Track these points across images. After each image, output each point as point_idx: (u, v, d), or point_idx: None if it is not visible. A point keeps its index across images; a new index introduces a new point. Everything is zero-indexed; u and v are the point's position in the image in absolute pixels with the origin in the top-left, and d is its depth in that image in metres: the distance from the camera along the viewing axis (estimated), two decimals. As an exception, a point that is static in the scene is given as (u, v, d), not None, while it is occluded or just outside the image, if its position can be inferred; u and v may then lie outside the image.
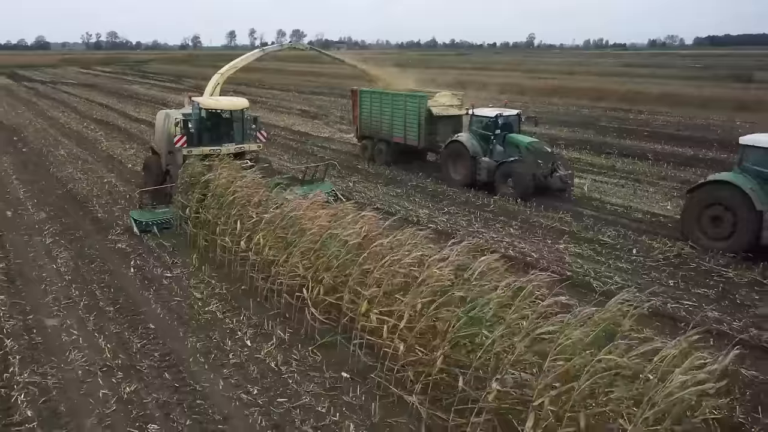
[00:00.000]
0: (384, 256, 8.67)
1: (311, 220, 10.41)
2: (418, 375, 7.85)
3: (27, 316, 10.62)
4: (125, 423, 7.65)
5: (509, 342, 7.04)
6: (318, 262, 9.80)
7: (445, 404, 7.56)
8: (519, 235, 15.40)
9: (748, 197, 13.16)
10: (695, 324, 8.94)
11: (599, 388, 6.17)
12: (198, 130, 17.86)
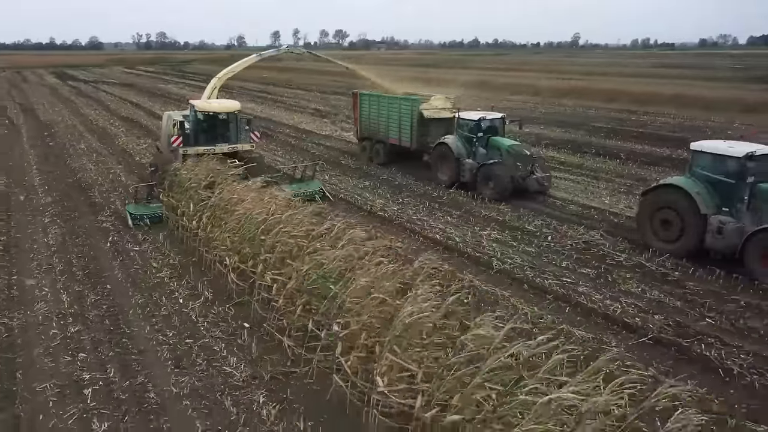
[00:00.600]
0: (278, 230, 10.71)
1: (239, 202, 12.52)
2: (291, 322, 9.88)
3: (12, 276, 13.06)
4: (63, 352, 9.90)
5: (345, 291, 8.98)
6: (238, 236, 11.92)
7: (305, 344, 9.56)
8: (453, 222, 17.18)
9: (694, 201, 13.46)
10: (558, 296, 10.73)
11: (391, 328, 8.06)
12: (194, 131, 19.71)
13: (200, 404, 8.51)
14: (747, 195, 13.11)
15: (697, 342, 10.21)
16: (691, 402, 8.17)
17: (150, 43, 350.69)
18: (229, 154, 19.38)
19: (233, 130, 20.22)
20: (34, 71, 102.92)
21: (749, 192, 13.10)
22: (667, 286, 12.63)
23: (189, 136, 19.51)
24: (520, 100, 55.48)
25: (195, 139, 19.60)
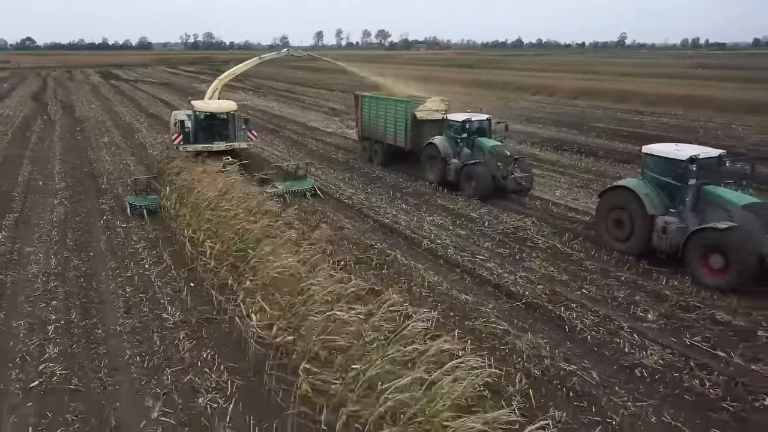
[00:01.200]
0: (214, 204, 12.98)
1: (197, 183, 14.86)
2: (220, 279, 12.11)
3: (15, 244, 15.68)
4: (40, 301, 12.33)
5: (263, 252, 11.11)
6: (193, 211, 14.24)
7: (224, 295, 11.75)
8: (406, 209, 19.16)
9: (642, 202, 14.10)
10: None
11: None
12: (194, 130, 21.53)
13: (134, 339, 10.79)
14: (689, 197, 13.60)
15: (563, 307, 11.98)
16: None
17: (197, 43, 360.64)
18: (227, 152, 20.98)
19: (231, 129, 21.80)
20: (83, 71, 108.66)
21: (694, 194, 13.60)
22: (565, 264, 14.36)
23: (189, 134, 21.35)
24: (535, 100, 56.75)
25: (195, 137, 21.26)
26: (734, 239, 12.34)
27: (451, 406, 6.80)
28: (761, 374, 9.52)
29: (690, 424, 8.30)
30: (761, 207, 13.02)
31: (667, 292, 12.67)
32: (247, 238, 11.62)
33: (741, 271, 12.20)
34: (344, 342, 7.74)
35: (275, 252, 10.77)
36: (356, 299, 9.20)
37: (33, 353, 10.22)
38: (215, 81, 26.66)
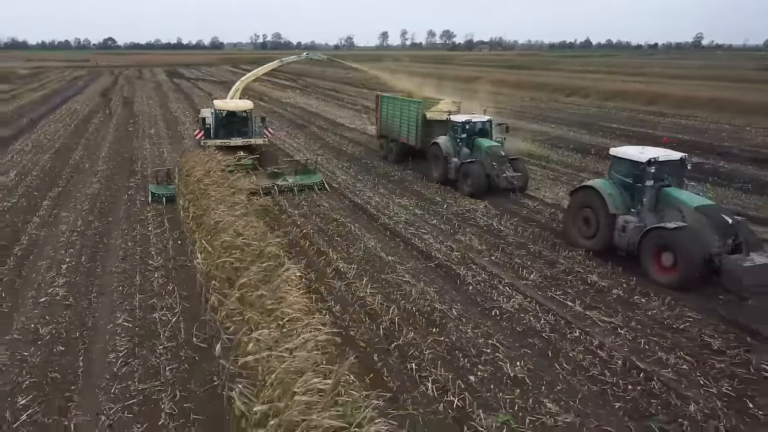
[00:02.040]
0: (198, 178, 16.24)
1: (194, 165, 18.18)
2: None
3: (54, 210, 19.49)
4: (62, 249, 15.90)
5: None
6: (185, 186, 17.59)
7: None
8: (383, 193, 21.94)
9: (605, 201, 14.82)
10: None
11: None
12: (215, 126, 23.22)
13: (122, 276, 14.12)
14: (647, 197, 14.30)
15: (464, 267, 14.58)
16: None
17: (266, 43, 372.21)
18: (244, 147, 22.80)
19: (249, 126, 23.45)
20: (152, 69, 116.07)
21: (653, 195, 14.29)
22: (492, 238, 16.85)
23: (210, 130, 23.16)
24: (568, 101, 58.11)
25: (215, 133, 23.07)
26: (682, 239, 12.90)
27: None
28: (589, 317, 11.91)
29: (507, 345, 10.84)
30: (711, 209, 13.57)
31: (562, 261, 15.06)
32: (208, 204, 14.68)
33: (687, 269, 12.73)
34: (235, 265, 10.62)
35: (228, 212, 13.83)
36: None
37: (47, 281, 13.71)
38: (237, 82, 29.83)
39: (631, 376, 9.79)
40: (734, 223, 13.15)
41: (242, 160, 21.83)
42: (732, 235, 13.01)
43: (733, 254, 12.77)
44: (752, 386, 9.53)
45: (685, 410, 8.86)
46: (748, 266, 12.20)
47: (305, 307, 8.49)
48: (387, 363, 10.23)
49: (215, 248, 10.95)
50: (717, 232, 12.96)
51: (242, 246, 10.76)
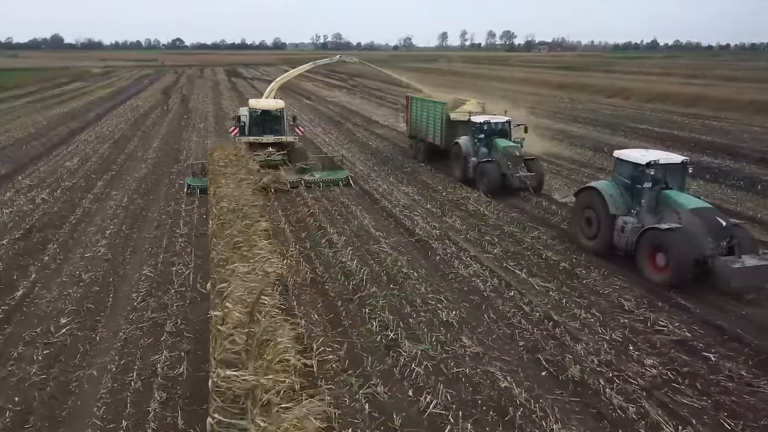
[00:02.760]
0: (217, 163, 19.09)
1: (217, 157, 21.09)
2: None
3: (106, 189, 22.79)
4: (107, 219, 19.04)
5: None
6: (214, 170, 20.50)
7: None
8: (392, 182, 24.28)
9: (606, 202, 15.13)
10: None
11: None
12: (249, 124, 24.66)
13: (152, 240, 17.02)
14: (645, 199, 14.56)
15: (438, 242, 16.82)
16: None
17: (326, 43, 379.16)
18: (274, 144, 24.16)
19: (280, 124, 24.69)
20: (213, 69, 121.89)
21: (653, 196, 14.52)
22: (475, 221, 18.96)
23: (244, 127, 24.74)
24: (607, 102, 58.80)
25: (249, 130, 24.60)
26: (674, 240, 13.17)
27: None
28: (530, 282, 13.98)
29: (450, 300, 13.04)
30: (706, 211, 13.74)
31: (527, 240, 17.09)
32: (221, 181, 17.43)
33: (678, 269, 12.99)
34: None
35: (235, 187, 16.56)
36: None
37: (92, 242, 16.78)
38: (273, 83, 32.45)
39: (543, 325, 11.88)
40: (728, 226, 13.28)
41: (272, 156, 23.66)
42: (726, 238, 13.17)
43: (725, 256, 12.99)
44: (640, 335, 11.47)
45: (573, 348, 10.92)
46: (737, 268, 12.41)
47: (270, 251, 11.04)
48: (347, 308, 12.66)
49: (217, 211, 13.66)
50: (711, 234, 13.11)
51: (234, 209, 13.40)
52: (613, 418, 8.95)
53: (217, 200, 15.25)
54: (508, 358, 10.70)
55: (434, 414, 8.96)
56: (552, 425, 8.69)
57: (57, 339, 11.23)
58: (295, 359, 7.84)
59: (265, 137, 24.21)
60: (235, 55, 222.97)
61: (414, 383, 9.79)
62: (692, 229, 13.33)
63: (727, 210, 18.81)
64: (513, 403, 9.25)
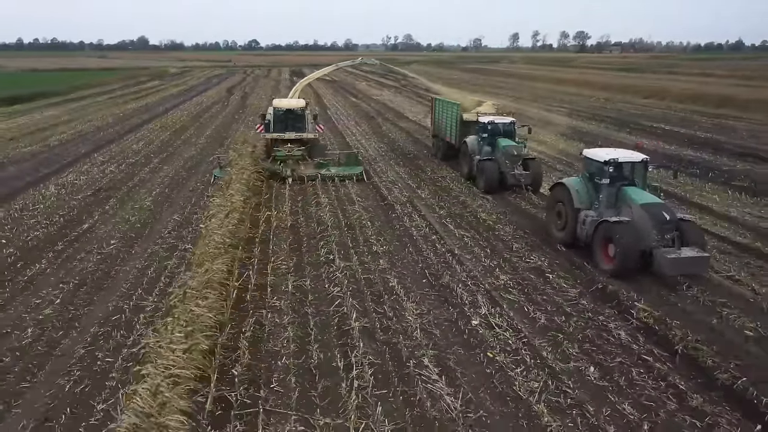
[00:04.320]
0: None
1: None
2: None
3: (158, 165, 28.56)
4: (155, 187, 24.65)
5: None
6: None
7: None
8: (390, 164, 28.83)
9: (572, 197, 16.12)
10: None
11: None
12: (273, 122, 26.46)
13: (186, 199, 22.35)
14: (604, 194, 15.48)
15: (400, 206, 21.33)
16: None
17: (397, 44, 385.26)
18: (296, 140, 25.94)
19: (302, 122, 26.41)
20: (280, 69, 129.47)
21: (612, 192, 15.41)
22: (440, 191, 23.32)
23: (268, 125, 26.60)
24: (641, 103, 60.85)
25: (273, 127, 26.35)
26: (621, 232, 14.16)
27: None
28: (454, 233, 18.32)
29: (385, 239, 17.60)
30: (654, 206, 14.55)
31: (474, 206, 21.33)
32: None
33: (623, 259, 13.98)
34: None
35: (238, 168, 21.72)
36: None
37: (142, 198, 22.28)
38: (298, 84, 37.16)
39: (444, 257, 16.25)
40: (672, 220, 14.21)
41: (292, 151, 25.66)
42: (671, 231, 14.18)
43: (666, 248, 14.03)
44: (510, 264, 15.71)
45: (455, 269, 15.30)
46: (671, 258, 13.59)
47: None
48: (309, 242, 17.44)
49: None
50: (656, 228, 14.11)
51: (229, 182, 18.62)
52: (451, 302, 13.34)
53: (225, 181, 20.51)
54: (405, 272, 15.20)
55: (335, 295, 13.59)
56: (407, 304, 13.18)
57: (106, 251, 16.62)
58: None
59: (287, 134, 25.95)
60: (305, 55, 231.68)
61: (331, 282, 14.44)
62: (640, 223, 14.33)
63: (683, 198, 22.15)
64: (389, 292, 13.80)
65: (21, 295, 13.82)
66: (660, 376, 10.41)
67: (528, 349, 11.28)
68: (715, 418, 9.24)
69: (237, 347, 11.14)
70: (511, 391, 9.95)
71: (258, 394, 9.75)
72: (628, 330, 12.07)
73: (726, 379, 10.15)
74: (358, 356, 10.84)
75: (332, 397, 9.72)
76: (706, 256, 14.10)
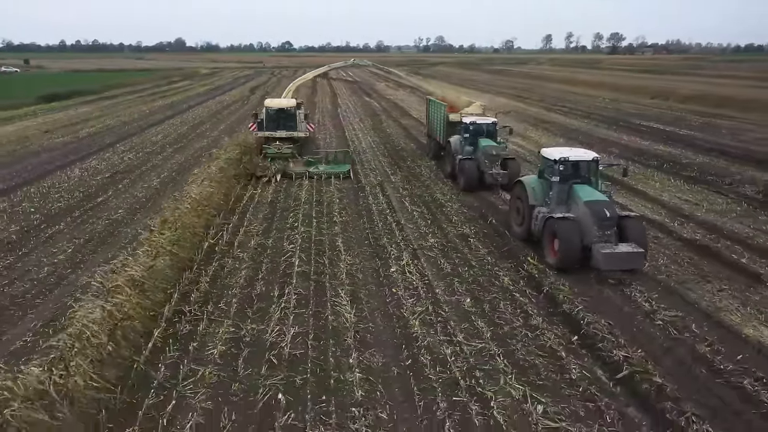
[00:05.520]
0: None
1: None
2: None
3: (172, 154, 32.30)
4: (167, 167, 28.35)
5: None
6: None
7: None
8: (377, 154, 32.00)
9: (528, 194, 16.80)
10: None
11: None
12: (266, 121, 27.45)
13: (184, 183, 26.03)
14: (555, 191, 16.01)
15: (369, 187, 24.47)
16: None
17: (429, 46, 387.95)
18: (287, 138, 26.96)
19: (293, 121, 27.34)
20: (306, 70, 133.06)
21: (563, 189, 15.90)
22: (411, 177, 26.33)
23: (261, 124, 27.49)
24: (645, 103, 62.63)
25: (266, 126, 27.42)
26: (563, 227, 14.85)
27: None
28: (407, 208, 21.38)
29: (348, 212, 20.79)
30: (597, 203, 15.01)
31: (433, 187, 24.32)
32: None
33: (565, 253, 14.67)
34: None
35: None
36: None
37: (150, 180, 25.86)
38: (291, 84, 40.30)
39: (389, 224, 19.34)
40: (612, 216, 14.77)
41: (281, 149, 26.64)
42: (611, 227, 14.77)
43: (603, 243, 14.63)
44: (443, 231, 18.73)
45: (395, 233, 18.36)
46: (606, 253, 14.27)
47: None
48: (281, 215, 20.68)
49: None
50: (597, 224, 14.67)
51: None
52: (381, 257, 16.44)
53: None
54: (352, 236, 18.35)
55: (288, 250, 16.76)
56: (344, 256, 16.34)
57: (113, 218, 20.22)
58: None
59: (278, 132, 26.88)
60: (335, 57, 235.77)
61: (289, 242, 17.67)
62: (583, 219, 14.93)
63: (628, 185, 24.59)
64: (333, 249, 16.95)
65: (42, 246, 17.43)
66: (519, 306, 13.34)
67: (426, 288, 14.31)
68: (543, 331, 12.17)
69: (198, 281, 14.46)
70: (398, 313, 13.02)
71: (206, 308, 13.03)
72: (513, 278, 15.00)
73: (570, 309, 13.05)
74: (290, 289, 14.04)
75: (262, 313, 12.92)
76: (641, 251, 14.51)
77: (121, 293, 11.14)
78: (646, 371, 10.51)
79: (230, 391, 10.03)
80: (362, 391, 10.01)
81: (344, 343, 11.61)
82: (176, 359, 10.92)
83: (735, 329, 12.27)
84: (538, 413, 9.44)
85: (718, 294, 14.03)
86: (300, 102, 31.05)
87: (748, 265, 15.83)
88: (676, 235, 18.43)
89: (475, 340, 11.74)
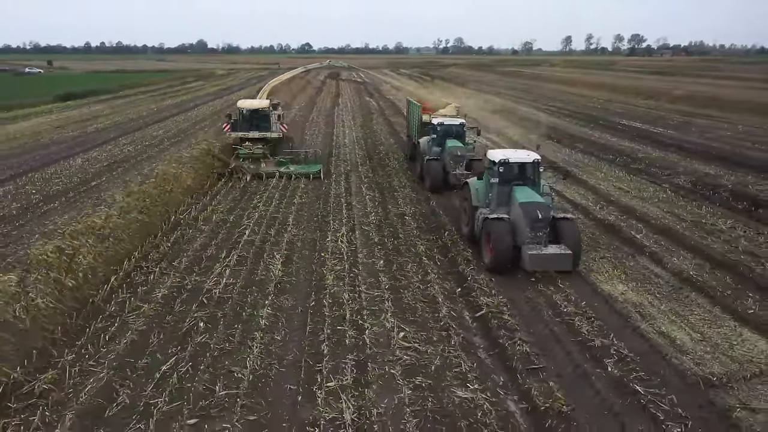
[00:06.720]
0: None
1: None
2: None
3: (168, 146, 35.25)
4: (156, 159, 31.34)
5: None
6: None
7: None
8: (353, 149, 34.68)
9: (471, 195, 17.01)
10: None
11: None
12: (239, 121, 27.48)
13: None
14: (495, 192, 16.19)
15: (344, 178, 27.12)
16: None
17: (447, 48, 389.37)
18: (259, 139, 27.01)
19: (267, 121, 27.35)
20: (319, 71, 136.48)
21: (503, 191, 16.06)
22: (388, 177, 29.03)
23: (235, 124, 27.60)
24: (638, 103, 64.30)
25: (239, 126, 27.45)
26: (496, 228, 15.08)
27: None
28: (363, 192, 24.02)
29: (311, 195, 23.49)
30: (531, 204, 15.23)
31: (395, 186, 26.80)
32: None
33: (496, 253, 14.89)
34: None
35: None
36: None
37: (143, 168, 28.75)
38: (266, 86, 42.61)
39: (340, 205, 21.94)
40: (545, 218, 15.00)
41: (253, 149, 26.78)
42: (543, 228, 14.99)
43: (533, 244, 15.01)
44: (401, 209, 21.31)
45: (351, 213, 21.00)
46: (533, 254, 14.78)
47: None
48: (249, 198, 23.43)
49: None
50: (529, 225, 14.94)
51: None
52: (322, 230, 19.03)
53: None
54: (304, 214, 20.99)
55: (244, 224, 19.45)
56: (290, 228, 18.97)
57: (102, 198, 23.06)
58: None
59: (251, 133, 26.89)
60: (352, 58, 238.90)
61: (248, 218, 20.32)
62: (517, 220, 15.25)
63: (576, 176, 26.73)
64: (283, 224, 19.60)
65: (36, 218, 20.40)
66: (423, 268, 15.81)
67: (350, 253, 16.87)
68: (433, 285, 14.66)
69: (159, 245, 17.24)
70: (319, 270, 15.60)
71: (161, 265, 15.78)
72: (428, 247, 17.50)
73: (464, 269, 15.54)
74: (235, 253, 16.74)
75: (206, 270, 15.61)
76: (568, 253, 14.80)
77: (79, 239, 13.87)
78: (500, 311, 12.98)
79: (164, 321, 12.69)
80: (267, 322, 12.62)
81: (265, 290, 14.24)
82: (126, 299, 13.64)
83: (594, 285, 14.62)
84: (399, 337, 11.93)
85: (600, 260, 16.34)
86: (277, 102, 32.37)
87: (641, 240, 18.07)
88: (592, 216, 20.74)
89: (374, 290, 14.27)
